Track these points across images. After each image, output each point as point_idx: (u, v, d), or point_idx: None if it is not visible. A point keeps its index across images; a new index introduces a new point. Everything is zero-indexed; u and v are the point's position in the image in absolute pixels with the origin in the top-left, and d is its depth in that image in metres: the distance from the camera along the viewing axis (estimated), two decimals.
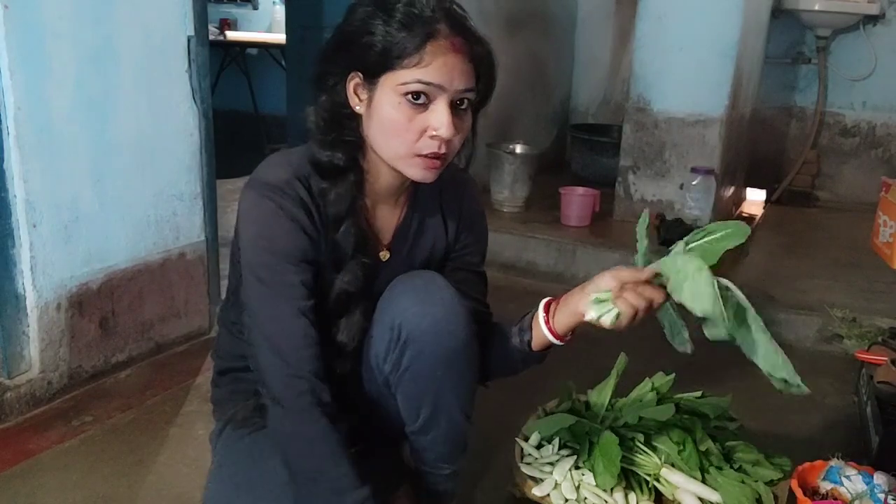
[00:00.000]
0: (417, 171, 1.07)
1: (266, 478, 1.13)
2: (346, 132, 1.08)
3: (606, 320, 1.08)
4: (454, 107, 1.04)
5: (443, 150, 1.05)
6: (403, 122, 1.03)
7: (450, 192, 1.23)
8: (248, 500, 1.12)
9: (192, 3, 1.96)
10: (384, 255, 1.19)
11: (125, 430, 1.68)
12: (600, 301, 1.09)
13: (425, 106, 1.03)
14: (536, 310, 1.18)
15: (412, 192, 1.20)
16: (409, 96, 1.02)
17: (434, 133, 1.03)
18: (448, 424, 1.17)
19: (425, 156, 1.05)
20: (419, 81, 1.01)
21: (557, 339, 1.16)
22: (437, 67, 1.01)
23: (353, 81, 1.06)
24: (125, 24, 1.80)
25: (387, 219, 1.19)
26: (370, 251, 1.15)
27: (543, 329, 1.15)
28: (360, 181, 1.11)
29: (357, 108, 1.07)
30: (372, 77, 1.04)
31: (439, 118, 1.03)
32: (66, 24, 1.67)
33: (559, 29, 4.22)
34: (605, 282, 1.09)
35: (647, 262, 1.17)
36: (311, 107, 1.10)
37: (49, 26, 1.64)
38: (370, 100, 1.05)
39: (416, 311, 1.09)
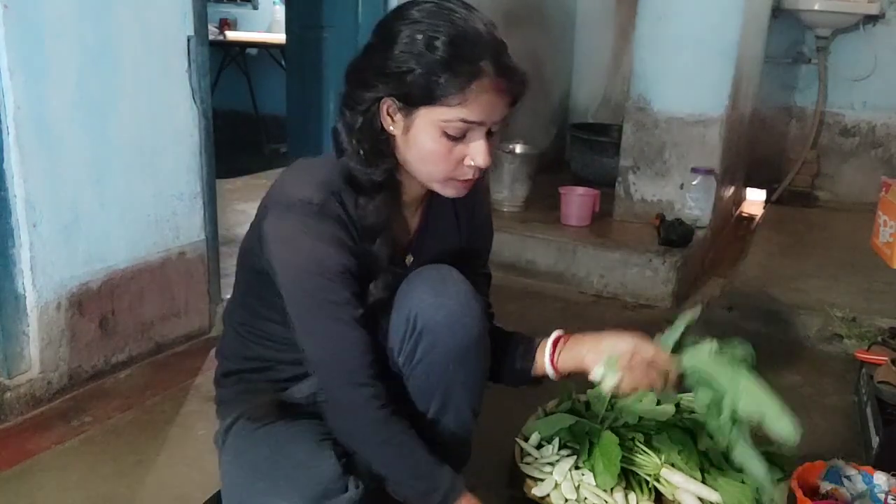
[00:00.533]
0: (451, 191, 1.11)
1: (286, 462, 1.12)
2: (383, 151, 1.09)
3: (607, 384, 1.13)
4: (488, 134, 1.07)
5: (477, 175, 1.09)
6: (443, 153, 1.05)
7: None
8: (267, 484, 1.11)
9: (192, 3, 1.95)
10: (409, 259, 1.22)
11: (125, 430, 1.68)
12: (611, 363, 1.11)
13: (463, 138, 1.05)
14: (546, 340, 1.23)
15: (428, 195, 1.21)
16: (449, 131, 1.03)
17: (472, 163, 1.06)
18: (456, 419, 1.19)
19: (460, 179, 1.09)
20: (462, 120, 1.03)
21: (557, 376, 1.22)
22: (479, 106, 1.02)
23: (387, 104, 1.05)
24: (125, 24, 1.80)
25: (409, 223, 1.22)
26: (397, 257, 1.18)
27: (547, 364, 1.22)
28: (395, 194, 1.14)
29: (391, 128, 1.07)
30: (409, 106, 1.04)
31: (478, 150, 1.06)
32: (66, 24, 1.67)
33: (558, 27, 4.22)
34: (624, 346, 1.15)
35: (673, 349, 1.21)
36: (339, 122, 1.10)
37: (49, 26, 1.64)
38: (406, 127, 1.05)
39: (431, 302, 1.11)
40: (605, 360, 1.13)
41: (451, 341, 1.11)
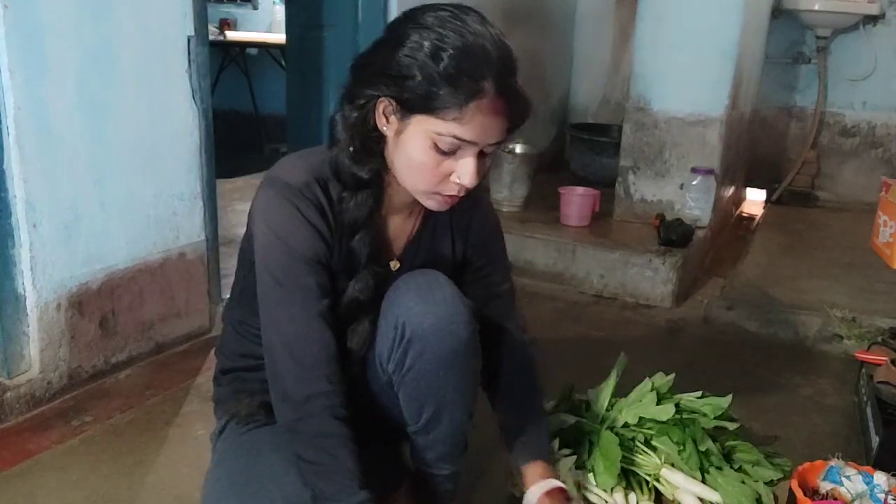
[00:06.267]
0: (433, 204, 1.10)
1: (263, 472, 1.13)
2: (372, 149, 1.08)
3: None
4: (480, 154, 1.05)
5: (462, 193, 1.08)
6: (430, 165, 1.04)
7: (461, 208, 1.21)
8: (244, 495, 1.11)
9: (192, 3, 1.95)
10: (395, 265, 1.20)
11: (125, 430, 1.68)
12: None
13: (453, 153, 1.03)
14: (541, 471, 1.26)
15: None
16: (440, 145, 1.02)
17: (457, 181, 1.05)
18: (450, 423, 1.18)
19: (444, 194, 1.07)
20: (455, 137, 1.01)
21: None
22: (474, 126, 1.00)
23: (384, 104, 1.04)
24: (125, 24, 1.80)
25: (400, 229, 1.20)
26: (382, 260, 1.16)
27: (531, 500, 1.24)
28: (379, 194, 1.12)
29: (384, 128, 1.06)
30: (405, 110, 1.02)
31: (465, 169, 1.04)
32: (66, 24, 1.67)
33: (558, 27, 4.22)
34: None
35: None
36: (338, 114, 1.09)
37: (49, 26, 1.63)
38: (399, 131, 1.04)
39: (419, 310, 1.09)
40: None
41: (439, 348, 1.10)
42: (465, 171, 1.04)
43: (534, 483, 1.24)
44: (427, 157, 1.03)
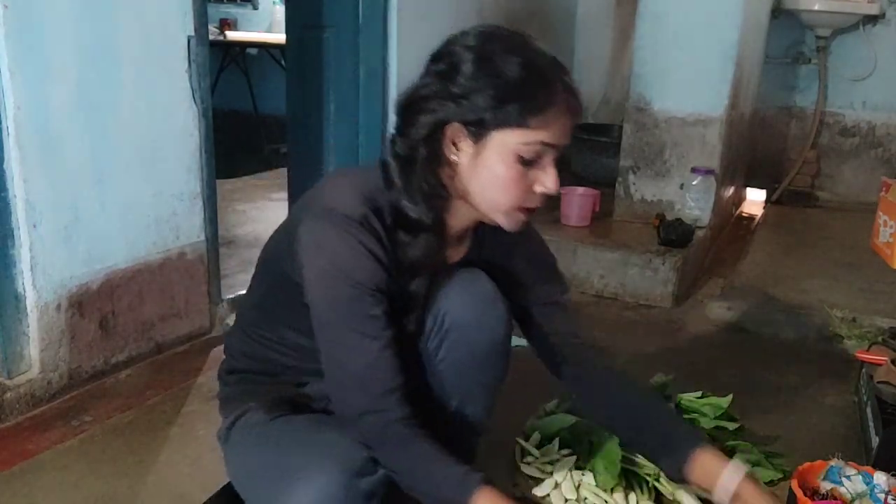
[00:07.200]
0: (511, 222, 1.08)
1: (316, 441, 1.09)
2: (436, 186, 1.06)
3: None
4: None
5: (542, 204, 1.08)
6: (516, 179, 1.03)
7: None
8: (301, 460, 1.05)
9: (192, 3, 1.95)
10: None
11: (125, 430, 1.68)
12: None
13: (536, 163, 1.04)
14: (722, 469, 1.11)
15: (475, 229, 1.20)
16: (525, 155, 1.02)
17: (543, 190, 1.05)
18: (472, 418, 1.22)
19: (526, 208, 1.07)
20: (542, 143, 1.01)
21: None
22: (557, 128, 1.02)
23: (453, 131, 1.02)
24: (125, 24, 1.80)
25: (450, 256, 1.20)
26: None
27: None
28: (441, 236, 1.11)
29: (453, 156, 1.04)
30: (481, 130, 1.01)
31: (550, 176, 1.05)
32: (66, 23, 1.67)
33: (558, 27, 4.22)
34: None
35: None
36: (390, 156, 1.06)
37: (49, 26, 1.63)
38: (476, 153, 1.03)
39: (460, 301, 1.12)
40: None
41: (475, 341, 1.13)
42: (549, 178, 1.04)
43: (721, 467, 1.12)
44: (513, 170, 1.02)
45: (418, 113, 1.03)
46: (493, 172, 1.03)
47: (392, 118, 2.88)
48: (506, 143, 1.01)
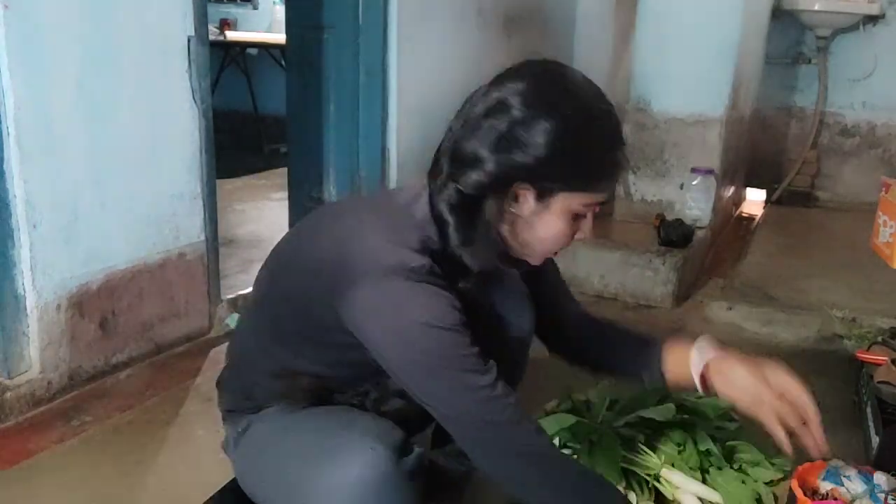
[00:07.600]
0: (540, 262, 1.14)
1: (355, 422, 1.08)
2: (496, 240, 1.07)
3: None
4: None
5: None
6: (567, 232, 1.07)
7: None
8: (343, 440, 1.05)
9: (192, 3, 1.95)
10: None
11: (125, 430, 1.68)
12: None
13: (584, 215, 1.08)
14: (687, 350, 1.22)
15: None
16: (580, 212, 1.06)
17: (581, 237, 1.10)
18: None
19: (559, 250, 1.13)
20: (600, 203, 1.07)
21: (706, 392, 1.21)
22: (611, 187, 1.09)
23: (521, 189, 1.02)
24: (125, 24, 1.80)
25: None
26: None
27: (697, 383, 1.20)
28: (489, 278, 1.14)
29: (512, 209, 1.04)
30: (548, 191, 1.02)
31: (589, 225, 1.09)
32: (66, 24, 1.67)
33: (558, 28, 4.22)
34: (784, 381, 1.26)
35: None
36: (444, 207, 1.04)
37: (49, 26, 1.63)
38: (536, 211, 1.04)
39: (500, 296, 1.19)
40: None
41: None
42: (588, 227, 1.09)
43: (687, 356, 1.22)
44: (567, 226, 1.06)
45: (479, 168, 1.01)
46: (549, 227, 1.06)
47: (392, 119, 2.88)
48: (569, 204, 1.04)
